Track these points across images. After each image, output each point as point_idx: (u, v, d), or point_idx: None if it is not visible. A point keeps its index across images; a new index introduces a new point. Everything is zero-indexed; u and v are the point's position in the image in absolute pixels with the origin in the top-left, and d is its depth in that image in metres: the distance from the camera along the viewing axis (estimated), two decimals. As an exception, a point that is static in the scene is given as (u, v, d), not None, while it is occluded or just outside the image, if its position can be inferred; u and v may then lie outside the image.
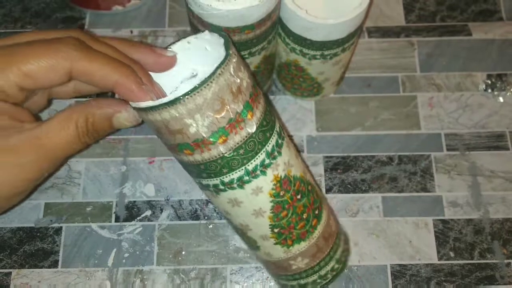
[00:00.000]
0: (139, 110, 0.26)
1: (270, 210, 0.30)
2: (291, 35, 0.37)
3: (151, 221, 0.43)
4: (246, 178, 0.28)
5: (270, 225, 0.31)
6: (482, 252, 0.42)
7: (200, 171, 0.28)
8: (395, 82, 0.48)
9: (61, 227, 0.43)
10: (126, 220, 0.43)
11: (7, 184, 0.25)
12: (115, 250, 0.42)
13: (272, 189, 0.29)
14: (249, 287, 0.41)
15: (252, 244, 0.34)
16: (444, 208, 0.43)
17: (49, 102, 0.31)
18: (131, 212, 0.43)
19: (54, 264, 0.42)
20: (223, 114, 0.25)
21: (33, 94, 0.28)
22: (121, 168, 0.45)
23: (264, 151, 0.28)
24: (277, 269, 0.35)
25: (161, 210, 0.43)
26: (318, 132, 0.46)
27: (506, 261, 0.42)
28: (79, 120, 0.26)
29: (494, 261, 0.42)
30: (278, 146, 0.29)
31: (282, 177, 0.29)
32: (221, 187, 0.29)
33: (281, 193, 0.30)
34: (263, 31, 0.34)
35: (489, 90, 0.48)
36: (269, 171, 0.29)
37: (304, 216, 0.32)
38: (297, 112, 0.47)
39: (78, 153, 0.43)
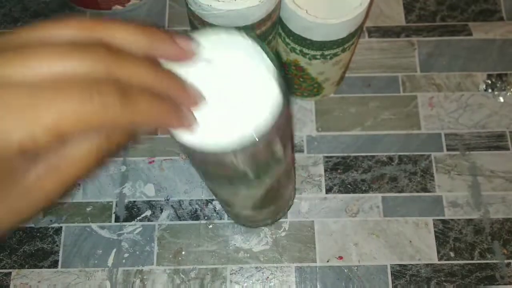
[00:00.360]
0: (178, 141, 0.24)
1: (260, 196, 0.32)
2: (291, 35, 0.37)
3: (151, 221, 0.43)
4: (252, 183, 0.29)
5: (253, 203, 0.34)
6: (482, 252, 0.42)
7: (219, 176, 0.29)
8: (395, 82, 0.48)
9: (61, 227, 0.43)
10: (126, 220, 0.43)
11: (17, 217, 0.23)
12: (115, 250, 0.42)
13: (269, 184, 0.31)
14: (249, 287, 0.41)
15: (228, 206, 0.36)
16: (444, 208, 0.43)
17: None
18: (131, 212, 0.43)
19: (54, 264, 0.42)
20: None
21: None
22: (121, 168, 0.45)
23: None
24: (237, 217, 0.40)
25: (161, 210, 0.43)
26: (318, 132, 0.46)
27: (506, 261, 0.42)
28: (101, 142, 0.22)
29: (494, 261, 0.42)
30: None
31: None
32: (228, 185, 0.30)
33: (274, 185, 0.31)
34: (263, 31, 0.34)
35: (490, 90, 0.47)
36: (270, 175, 0.30)
37: (281, 192, 0.35)
38: (297, 112, 0.47)
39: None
